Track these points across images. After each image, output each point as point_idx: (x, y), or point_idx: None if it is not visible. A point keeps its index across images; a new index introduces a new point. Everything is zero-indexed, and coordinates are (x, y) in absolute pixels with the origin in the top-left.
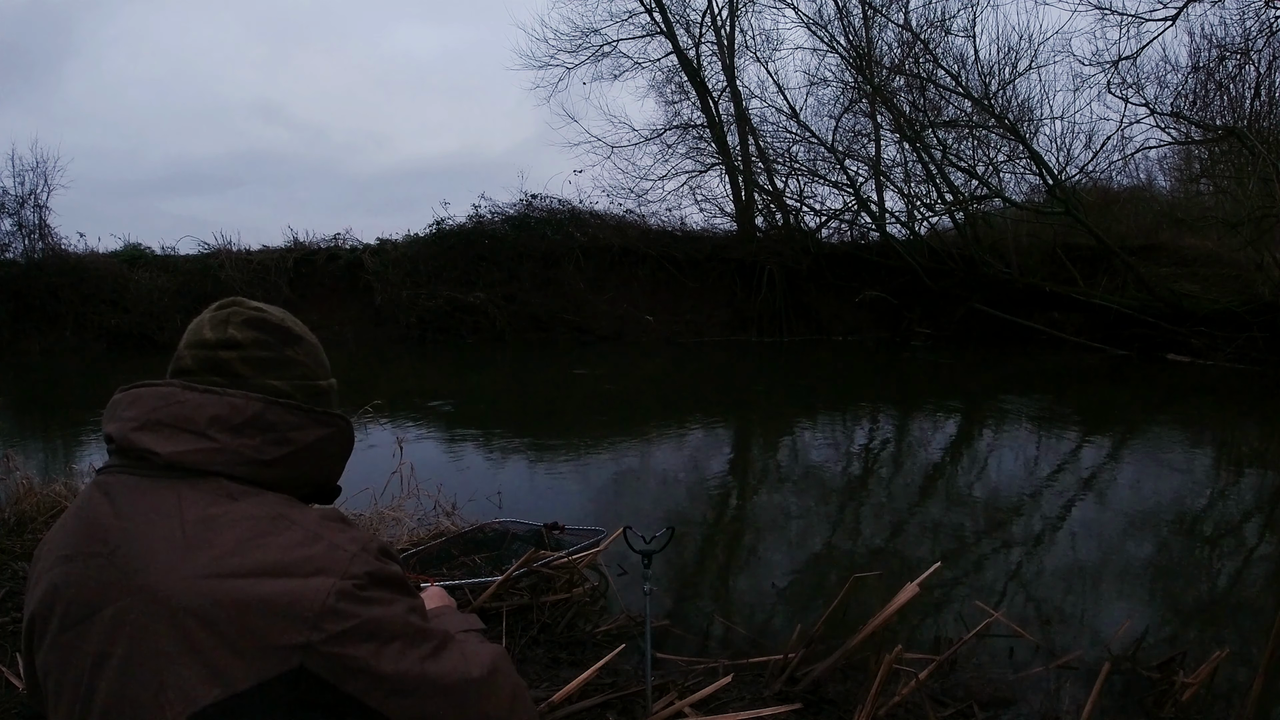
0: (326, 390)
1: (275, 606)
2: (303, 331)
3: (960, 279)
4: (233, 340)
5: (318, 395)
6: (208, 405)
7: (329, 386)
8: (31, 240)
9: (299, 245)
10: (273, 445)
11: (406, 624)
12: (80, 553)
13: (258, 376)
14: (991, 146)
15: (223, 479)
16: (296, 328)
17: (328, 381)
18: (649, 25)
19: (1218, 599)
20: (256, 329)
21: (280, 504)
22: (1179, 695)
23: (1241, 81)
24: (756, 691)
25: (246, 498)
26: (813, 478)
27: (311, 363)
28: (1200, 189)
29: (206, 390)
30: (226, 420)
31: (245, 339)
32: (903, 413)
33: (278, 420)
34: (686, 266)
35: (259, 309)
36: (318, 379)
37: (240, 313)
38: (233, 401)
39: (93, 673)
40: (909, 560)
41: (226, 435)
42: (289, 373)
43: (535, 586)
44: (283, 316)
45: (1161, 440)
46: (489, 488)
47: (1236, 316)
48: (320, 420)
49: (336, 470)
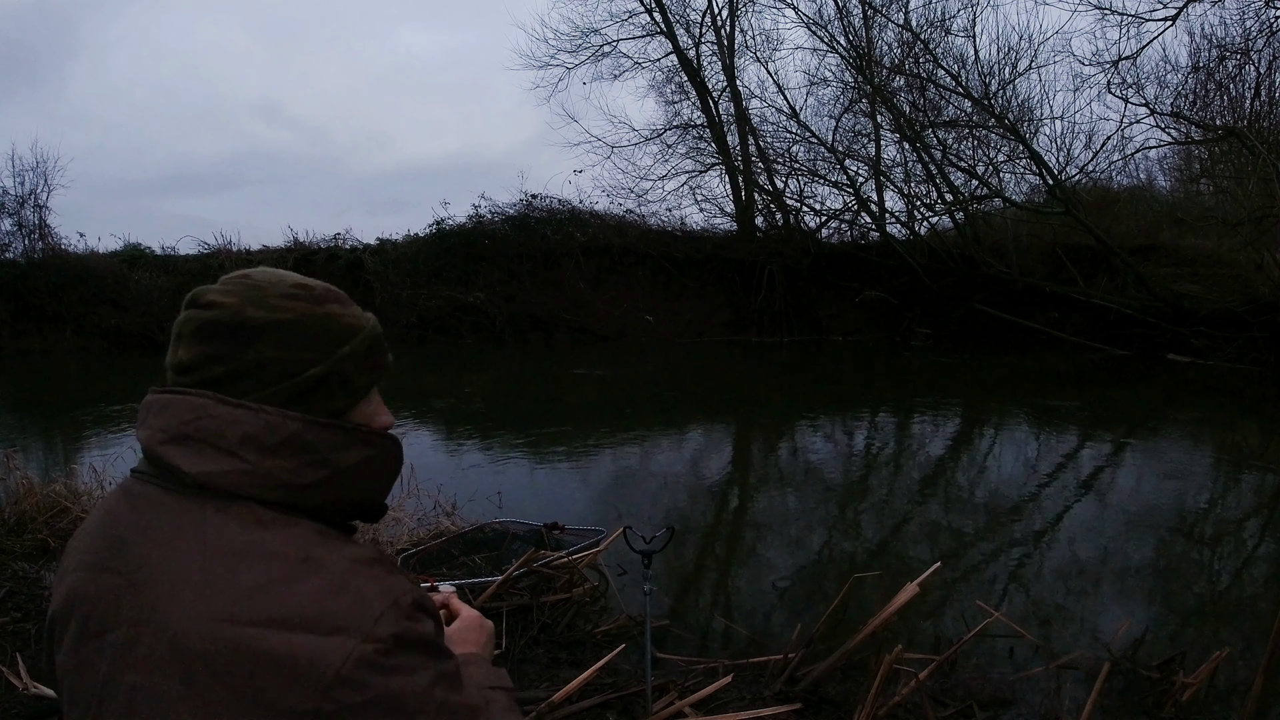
0: (322, 379)
1: (287, 665)
2: (273, 308)
3: (960, 279)
4: (182, 364)
5: (309, 392)
6: (241, 422)
7: (327, 372)
8: (31, 240)
9: (299, 245)
10: (310, 468)
11: (430, 698)
12: (100, 565)
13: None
14: (991, 146)
15: (254, 504)
16: (257, 314)
17: (325, 365)
18: (649, 25)
19: (1218, 599)
20: (204, 341)
21: (312, 540)
22: (1179, 695)
23: (1241, 81)
24: (756, 691)
25: (277, 528)
26: (812, 478)
27: (286, 354)
28: (1200, 189)
29: (240, 405)
30: (259, 440)
31: (195, 358)
32: (903, 413)
33: (317, 440)
34: (686, 266)
35: (213, 303)
36: (303, 370)
37: (191, 321)
38: (269, 419)
39: (102, 693)
40: (909, 560)
41: (260, 456)
42: (251, 384)
43: (535, 586)
44: (242, 301)
45: (1161, 440)
46: (489, 488)
47: (1236, 316)
48: (365, 440)
49: (382, 491)
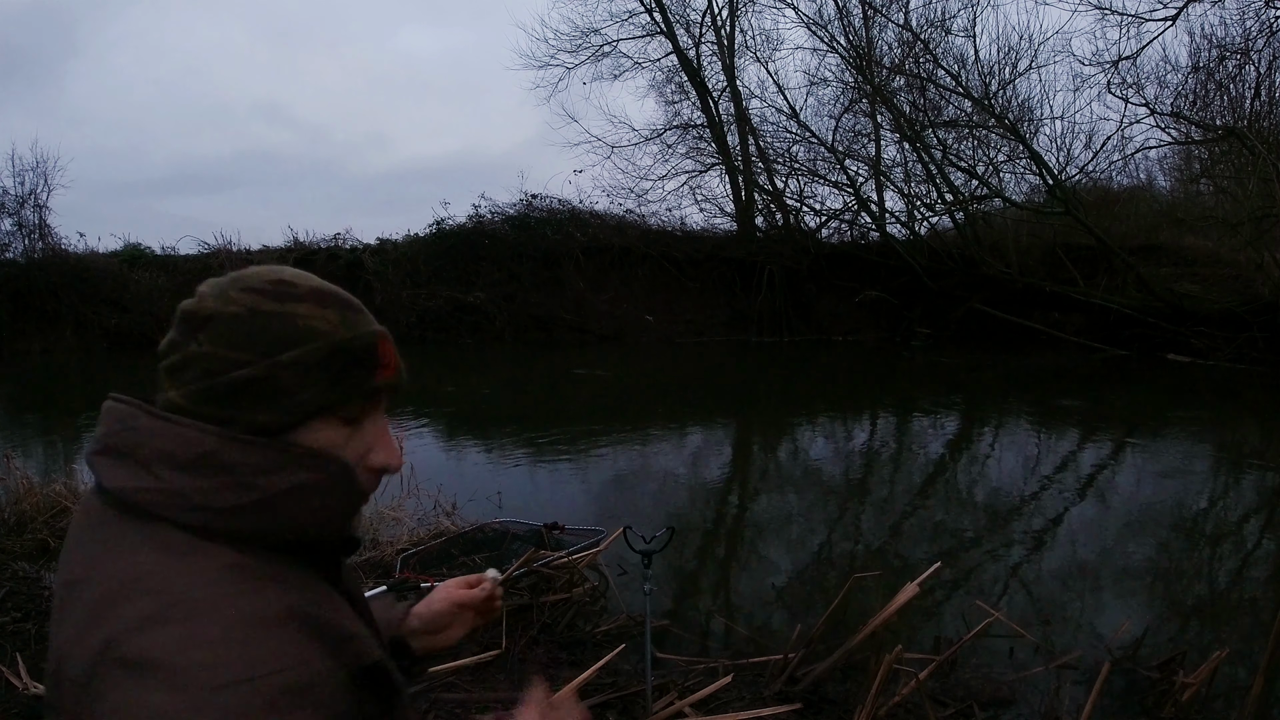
0: (249, 384)
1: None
2: (228, 300)
3: (960, 279)
4: (159, 350)
5: (236, 397)
6: (160, 435)
7: (257, 377)
8: (31, 240)
9: (299, 245)
10: (230, 491)
11: None
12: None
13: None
14: (991, 146)
15: (170, 526)
16: (212, 304)
17: (255, 368)
18: (649, 25)
19: (1218, 599)
20: (174, 328)
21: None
22: (1179, 695)
23: (1241, 81)
24: (756, 691)
25: (180, 557)
26: (812, 478)
27: (219, 349)
28: (1200, 189)
29: (163, 416)
30: (175, 456)
31: (165, 345)
32: (902, 413)
33: (239, 460)
34: (686, 266)
35: (195, 291)
36: (229, 370)
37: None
38: (183, 433)
39: None
40: (909, 560)
41: (174, 474)
42: (184, 377)
43: (535, 586)
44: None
45: (1161, 440)
46: (489, 488)
47: (1236, 316)
48: (301, 463)
49: (329, 525)
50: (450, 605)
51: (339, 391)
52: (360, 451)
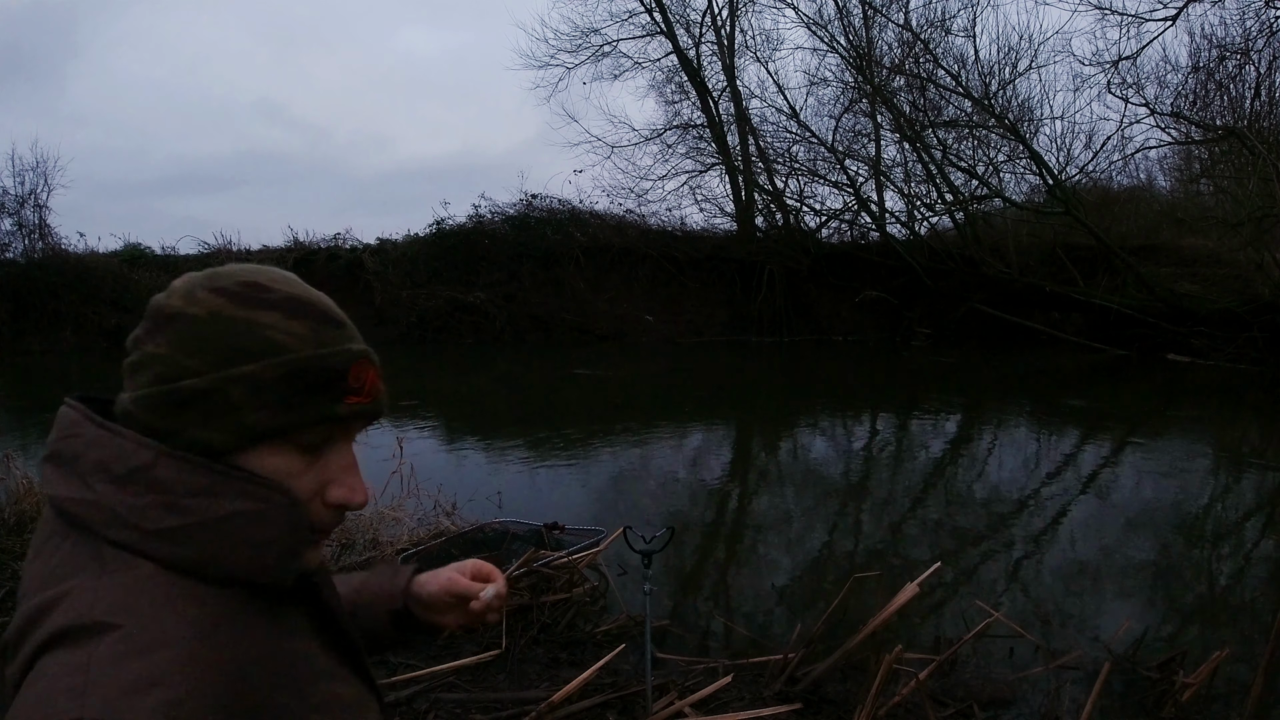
0: (196, 397)
1: None
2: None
3: (960, 279)
4: (127, 344)
5: (182, 409)
6: (99, 445)
7: (204, 390)
8: (31, 240)
9: (299, 245)
10: (161, 511)
11: None
12: None
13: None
14: (991, 146)
15: (102, 541)
16: (175, 304)
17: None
18: (649, 25)
19: (1218, 599)
20: (144, 321)
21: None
22: (1179, 695)
23: (1241, 81)
24: (756, 691)
25: (114, 577)
26: (813, 478)
27: (172, 354)
28: (1200, 189)
29: (105, 425)
30: (110, 468)
31: (131, 340)
32: (902, 413)
33: (170, 479)
34: (686, 266)
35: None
36: (178, 378)
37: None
38: (121, 445)
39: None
40: (909, 560)
41: (108, 487)
42: (139, 379)
43: (535, 586)
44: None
45: (1161, 440)
46: (489, 488)
47: (1236, 316)
48: (243, 491)
49: (270, 564)
50: (444, 593)
51: (295, 415)
52: (317, 485)
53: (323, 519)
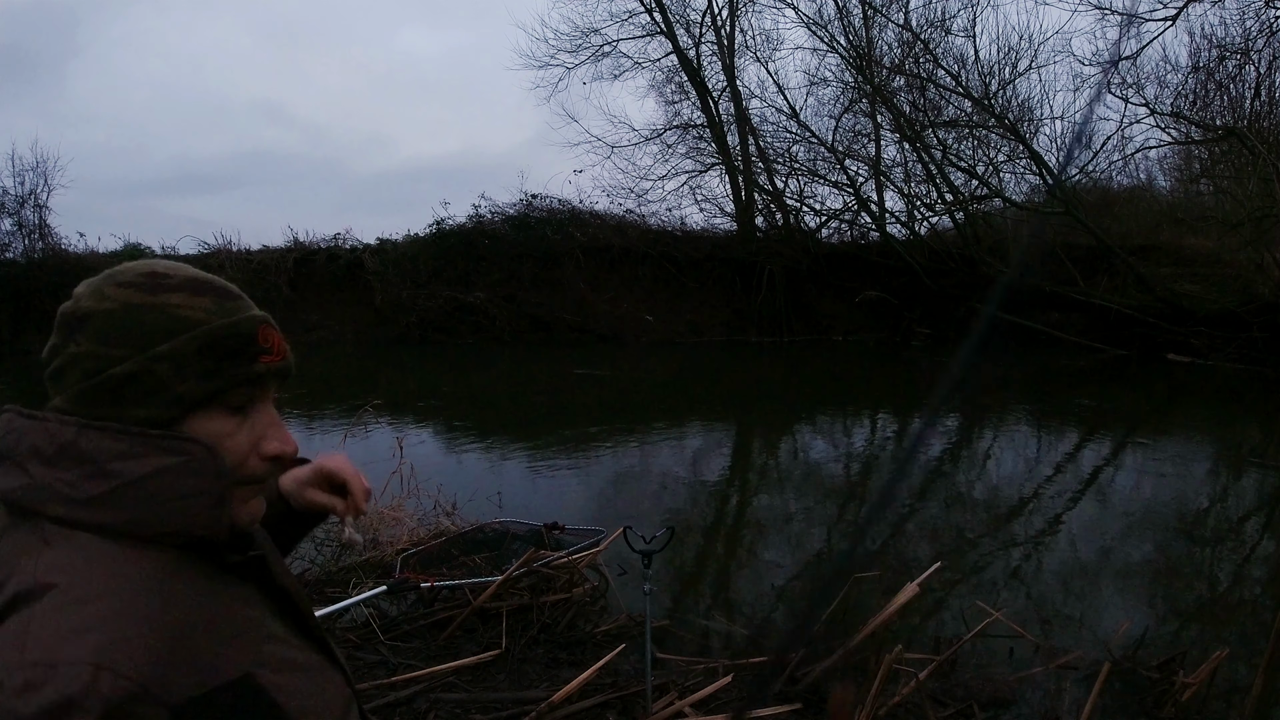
0: (128, 380)
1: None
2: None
3: (960, 279)
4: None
5: (116, 394)
6: (30, 433)
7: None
8: (31, 240)
9: (299, 245)
10: (90, 480)
11: None
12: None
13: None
14: (991, 146)
15: (43, 520)
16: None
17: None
18: (649, 25)
19: (1218, 599)
20: (54, 331)
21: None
22: (1179, 695)
23: (1241, 81)
24: None
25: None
26: (812, 478)
27: (97, 348)
28: (1200, 189)
29: (32, 415)
30: (41, 450)
31: (46, 351)
32: (902, 413)
33: (95, 448)
34: (686, 266)
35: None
36: (107, 368)
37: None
38: (47, 427)
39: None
40: (909, 560)
41: (41, 468)
42: (66, 381)
43: (535, 586)
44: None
45: (1161, 440)
46: (489, 488)
47: (1236, 316)
48: (161, 448)
49: (200, 513)
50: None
51: (219, 381)
52: (252, 440)
53: (259, 471)
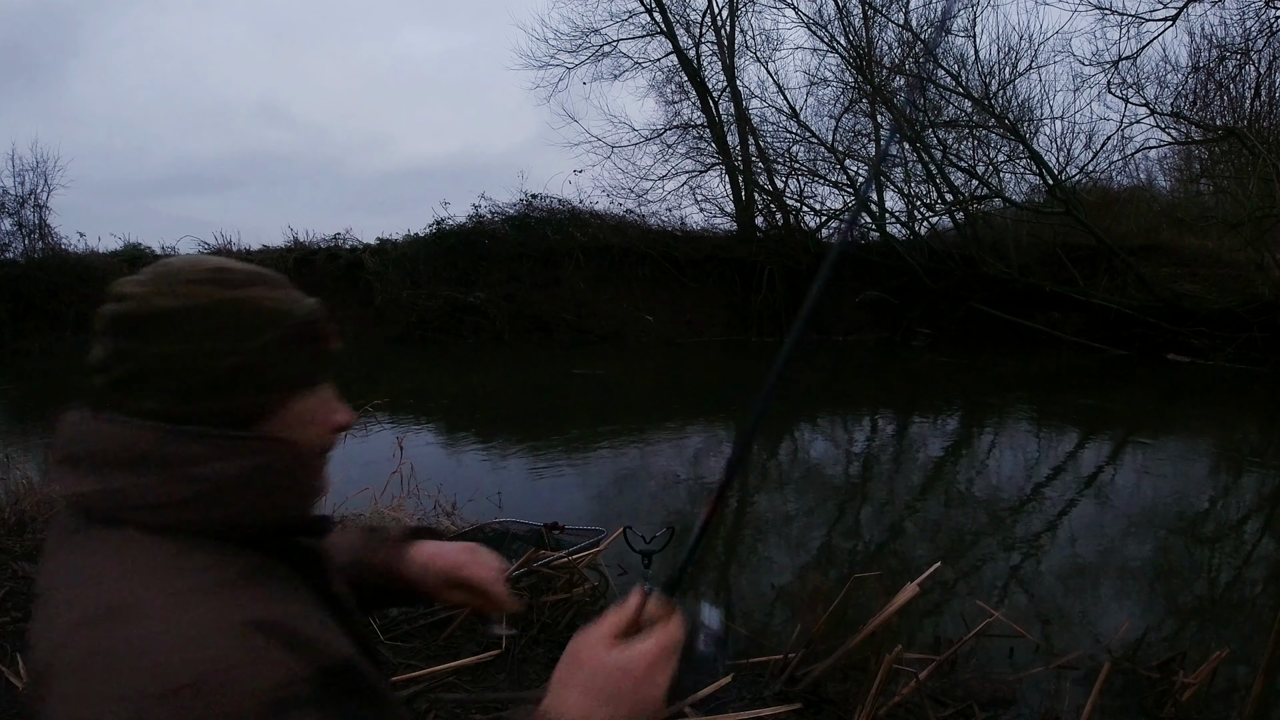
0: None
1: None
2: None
3: (960, 279)
4: (96, 363)
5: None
6: (107, 438)
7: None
8: (31, 240)
9: (299, 245)
10: (177, 484)
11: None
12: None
13: (132, 400)
14: (991, 146)
15: (130, 527)
16: (167, 300)
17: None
18: (649, 25)
19: (1218, 599)
20: (114, 337)
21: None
22: (1179, 695)
23: (1241, 81)
24: (756, 691)
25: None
26: (813, 478)
27: (193, 345)
28: (1200, 189)
29: (109, 419)
30: (120, 456)
31: (106, 357)
32: (903, 413)
33: (179, 453)
34: (686, 266)
35: (124, 294)
36: (212, 364)
37: (103, 316)
38: (123, 433)
39: None
40: (909, 560)
41: (123, 474)
42: (154, 382)
43: (535, 586)
44: (152, 290)
45: (1161, 440)
46: (489, 488)
47: (1236, 316)
48: (246, 450)
49: (289, 508)
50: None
51: (309, 364)
52: (325, 415)
53: (330, 443)
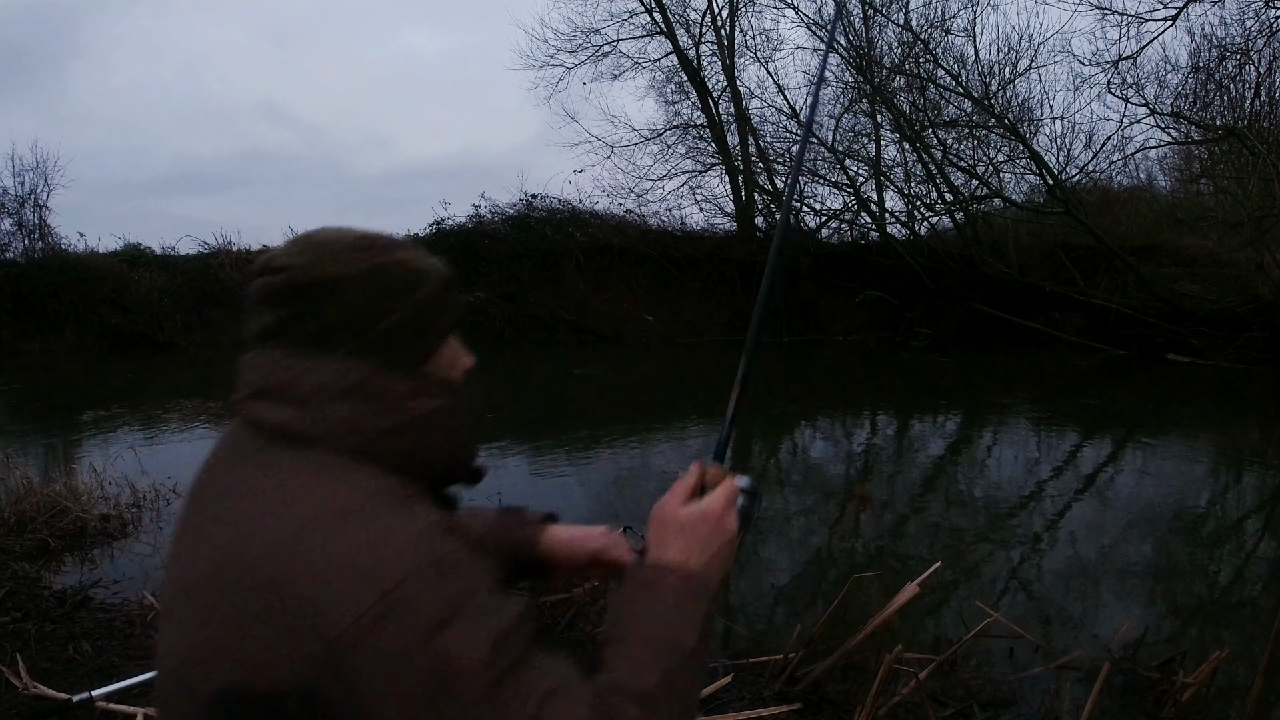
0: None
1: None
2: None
3: (960, 279)
4: (267, 330)
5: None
6: (312, 372)
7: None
8: (31, 240)
9: None
10: (379, 415)
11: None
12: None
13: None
14: (991, 146)
15: (327, 451)
16: (333, 268)
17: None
18: (649, 25)
19: (1218, 599)
20: (282, 304)
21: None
22: (1179, 695)
23: (1241, 81)
24: (756, 691)
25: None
26: (813, 478)
27: (365, 304)
28: (1200, 189)
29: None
30: (329, 388)
31: (277, 322)
32: (903, 413)
33: (385, 388)
34: (686, 266)
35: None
36: (383, 318)
37: (265, 287)
38: (336, 367)
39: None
40: (909, 560)
41: (330, 403)
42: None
43: (535, 586)
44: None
45: (1161, 440)
46: (489, 488)
47: (1236, 316)
48: (437, 389)
49: (462, 448)
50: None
51: (454, 315)
52: (459, 359)
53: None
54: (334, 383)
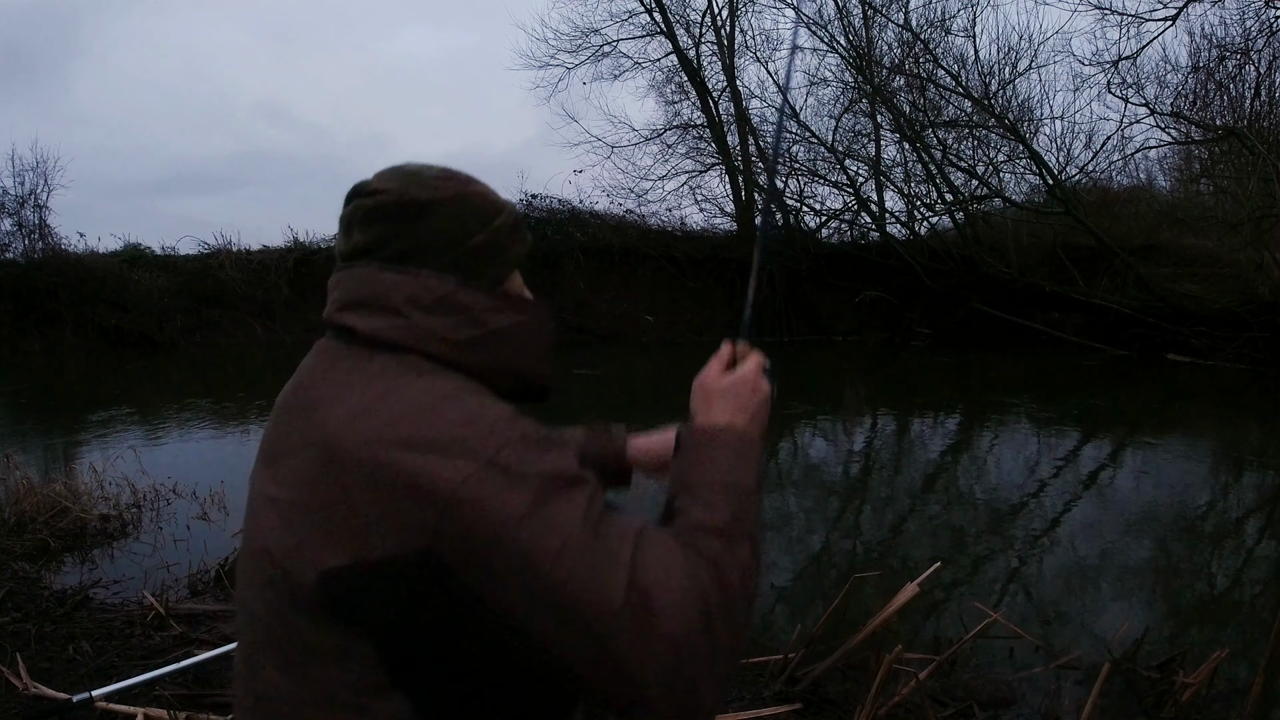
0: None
1: (416, 482)
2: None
3: (960, 279)
4: (358, 247)
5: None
6: (403, 285)
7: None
8: (31, 240)
9: (299, 245)
10: (465, 326)
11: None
12: (284, 405)
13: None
14: (991, 146)
15: (416, 355)
16: (423, 193)
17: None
18: (649, 25)
19: (1218, 599)
20: (375, 224)
21: (460, 384)
22: (1179, 695)
23: (1241, 81)
24: (756, 691)
25: (431, 374)
26: (813, 478)
27: (451, 226)
28: (1200, 189)
29: (402, 271)
30: (419, 299)
31: (370, 240)
32: (903, 413)
33: (471, 302)
34: (686, 266)
35: (378, 190)
36: (468, 239)
37: (360, 209)
38: (427, 281)
39: (258, 512)
40: (909, 560)
41: (419, 314)
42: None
43: None
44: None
45: (1161, 440)
46: None
47: (1236, 316)
48: (516, 306)
49: (536, 363)
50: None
51: (526, 244)
52: (519, 289)
53: None
54: (423, 295)
